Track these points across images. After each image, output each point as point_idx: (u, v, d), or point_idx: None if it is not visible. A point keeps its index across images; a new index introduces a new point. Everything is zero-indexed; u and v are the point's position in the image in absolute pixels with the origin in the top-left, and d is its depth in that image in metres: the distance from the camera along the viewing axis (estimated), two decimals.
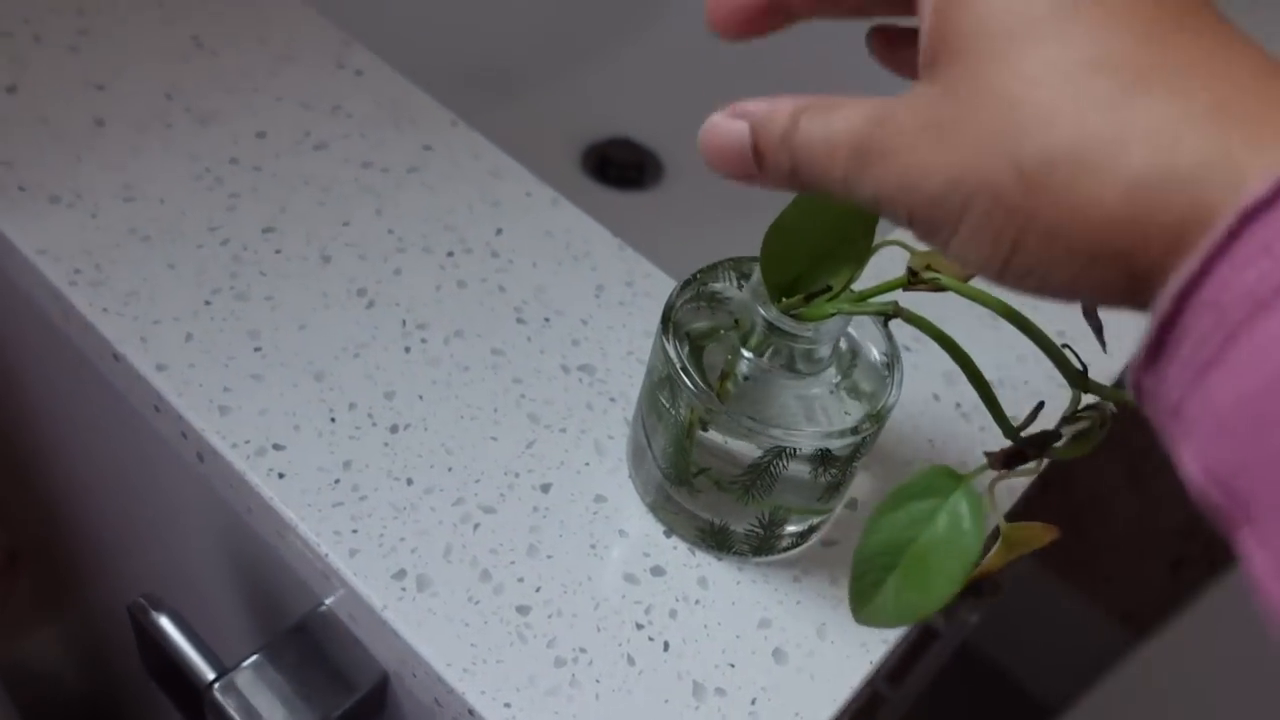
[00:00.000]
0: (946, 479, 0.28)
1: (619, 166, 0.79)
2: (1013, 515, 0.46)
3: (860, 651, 0.35)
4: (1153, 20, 0.20)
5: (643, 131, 0.82)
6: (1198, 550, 1.19)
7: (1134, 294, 0.20)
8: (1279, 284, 0.17)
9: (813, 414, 0.35)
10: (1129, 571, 1.27)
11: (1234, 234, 0.17)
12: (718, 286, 0.37)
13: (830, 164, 0.23)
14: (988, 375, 0.41)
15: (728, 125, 0.25)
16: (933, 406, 0.43)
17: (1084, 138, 0.19)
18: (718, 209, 0.80)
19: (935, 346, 0.44)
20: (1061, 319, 0.48)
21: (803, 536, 0.37)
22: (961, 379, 0.44)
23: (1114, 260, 0.19)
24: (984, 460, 0.31)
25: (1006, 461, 0.29)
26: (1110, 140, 0.19)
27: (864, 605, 0.29)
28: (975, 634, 1.40)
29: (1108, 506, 1.25)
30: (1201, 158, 0.18)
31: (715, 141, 0.25)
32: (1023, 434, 0.30)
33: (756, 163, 0.24)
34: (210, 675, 0.40)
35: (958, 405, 0.43)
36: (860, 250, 0.32)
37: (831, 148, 0.22)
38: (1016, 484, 0.41)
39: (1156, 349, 0.19)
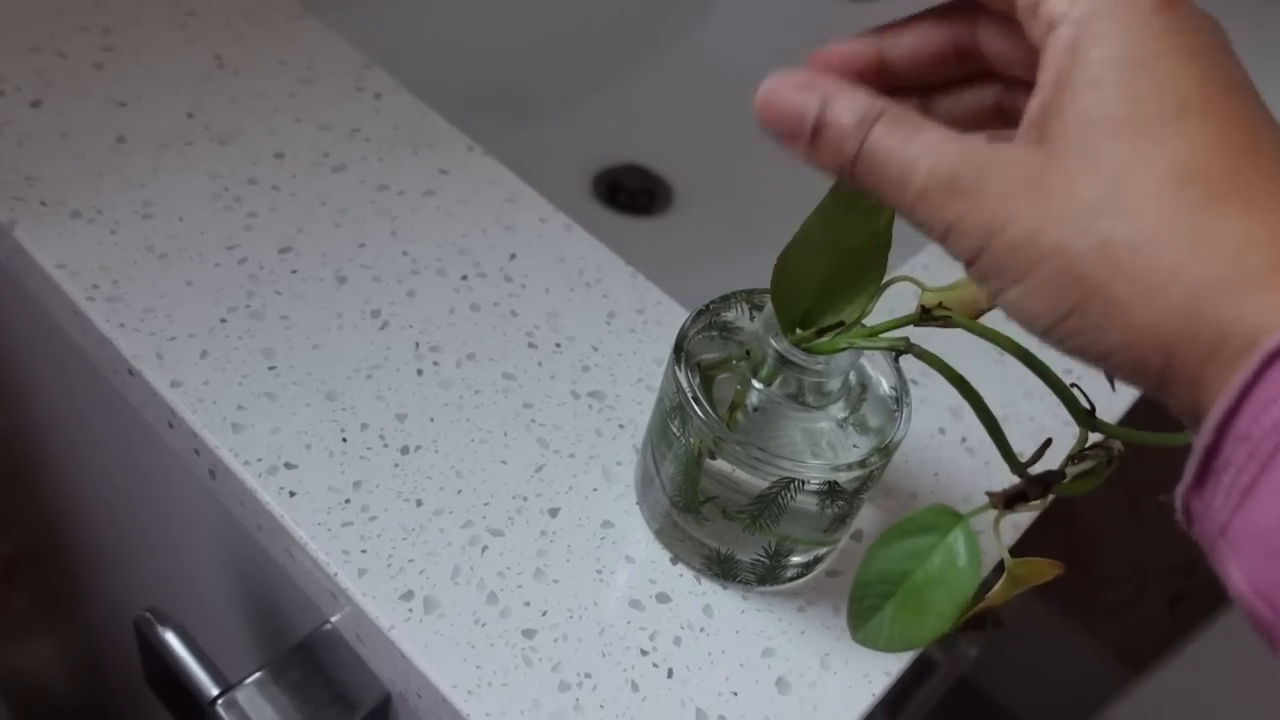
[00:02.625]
0: (946, 516, 0.29)
1: (629, 193, 0.80)
2: (1015, 549, 0.46)
3: (863, 682, 0.35)
4: (1243, 144, 0.22)
5: (653, 158, 0.82)
6: (1196, 587, 1.19)
7: (1163, 383, 0.22)
8: None
9: (819, 447, 0.35)
10: (1127, 607, 1.26)
11: (1259, 374, 0.20)
12: (730, 317, 0.37)
13: (902, 181, 0.24)
14: (994, 410, 0.41)
15: (797, 93, 0.25)
16: (938, 440, 0.43)
17: (1165, 235, 0.21)
18: (727, 236, 0.80)
19: (942, 380, 0.45)
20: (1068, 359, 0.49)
21: (808, 567, 0.37)
22: (968, 413, 0.44)
23: (1159, 347, 0.21)
24: (986, 498, 0.31)
25: (1008, 502, 0.29)
26: (1187, 243, 0.21)
27: (861, 626, 0.29)
28: (973, 669, 1.40)
29: (1107, 542, 1.25)
30: (1255, 283, 0.20)
31: (778, 102, 0.26)
32: (1029, 470, 0.31)
33: (811, 137, 0.25)
34: (214, 691, 0.40)
35: (963, 440, 0.43)
36: (871, 284, 0.33)
37: (907, 167, 0.24)
38: (1022, 519, 0.42)
39: (1202, 474, 0.21)
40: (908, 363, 0.45)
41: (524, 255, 0.46)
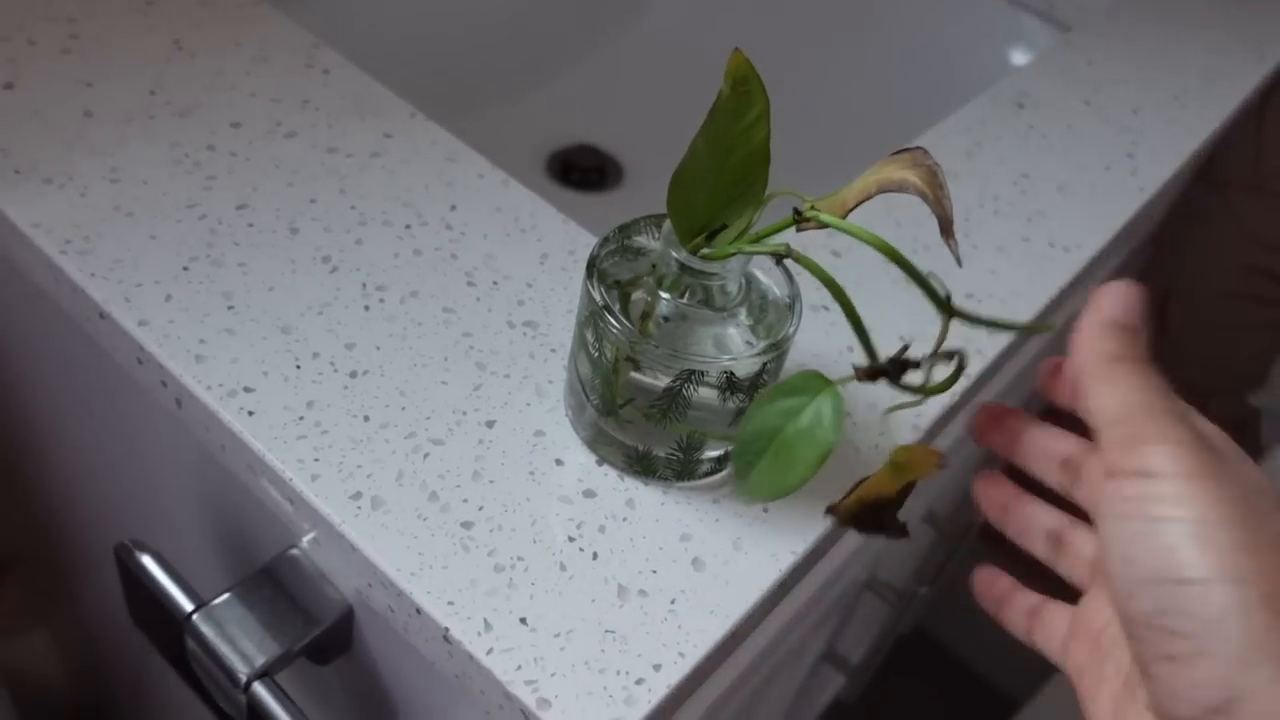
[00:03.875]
0: (816, 381, 0.33)
1: (581, 171, 0.84)
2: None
3: (771, 560, 0.39)
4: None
5: (604, 138, 0.86)
6: None
7: None
8: None
9: (727, 349, 0.39)
10: None
11: None
12: (639, 240, 0.41)
13: None
14: (899, 331, 0.46)
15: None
16: (845, 356, 0.47)
17: (1251, 645, 0.26)
18: None
19: None
20: (966, 271, 0.53)
21: (720, 463, 0.41)
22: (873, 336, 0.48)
23: None
24: (885, 407, 0.35)
25: (870, 375, 0.33)
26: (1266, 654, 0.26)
27: (742, 479, 0.33)
28: (940, 626, 1.43)
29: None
30: None
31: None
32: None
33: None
34: (190, 607, 0.44)
35: (852, 367, 0.47)
36: (756, 195, 0.37)
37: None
38: (921, 414, 0.45)
39: None
40: (818, 294, 0.49)
41: (463, 206, 0.50)
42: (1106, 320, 0.32)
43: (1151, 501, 0.28)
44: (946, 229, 0.33)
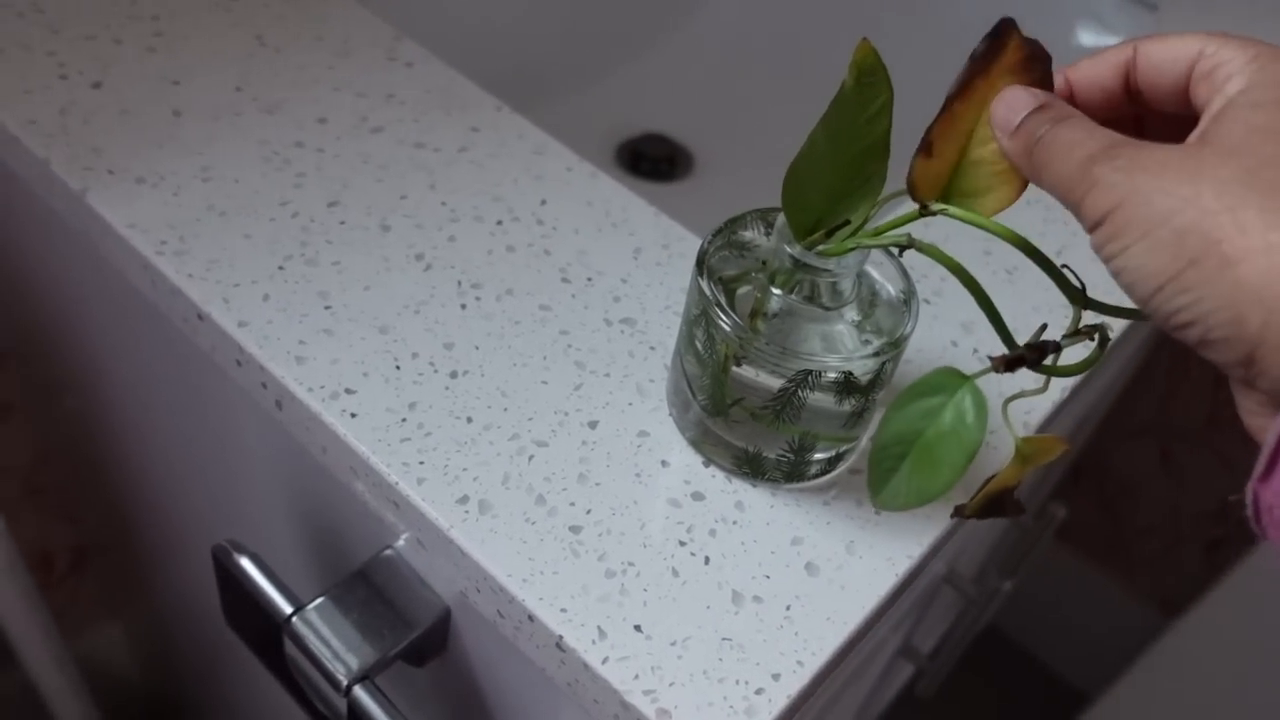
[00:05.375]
0: (954, 378, 0.31)
1: (651, 160, 0.83)
2: (1048, 497, 0.48)
3: (886, 565, 0.38)
4: None
5: (673, 127, 0.85)
6: (1232, 533, 1.21)
7: (1254, 351, 0.25)
8: None
9: (836, 348, 0.38)
10: (1164, 556, 1.28)
11: None
12: (746, 235, 0.40)
13: (1069, 153, 0.29)
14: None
15: (1020, 96, 0.31)
16: (951, 352, 0.46)
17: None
18: (746, 197, 0.83)
19: (954, 299, 0.48)
20: (1063, 254, 0.51)
21: (831, 464, 0.40)
22: (979, 327, 0.47)
23: (1260, 303, 0.24)
24: (1000, 401, 0.34)
25: (1007, 365, 0.32)
26: None
27: (880, 489, 0.32)
28: (1009, 620, 1.41)
29: (1141, 492, 1.26)
30: None
31: (1007, 97, 0.31)
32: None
33: (1014, 130, 0.31)
34: (289, 610, 0.43)
35: (975, 351, 0.46)
36: (874, 189, 0.35)
37: (1076, 143, 0.29)
38: (1034, 412, 0.44)
39: (1272, 464, 0.24)
40: (922, 286, 0.47)
41: (553, 201, 0.49)
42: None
43: None
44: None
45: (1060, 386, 0.45)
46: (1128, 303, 0.51)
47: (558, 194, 0.49)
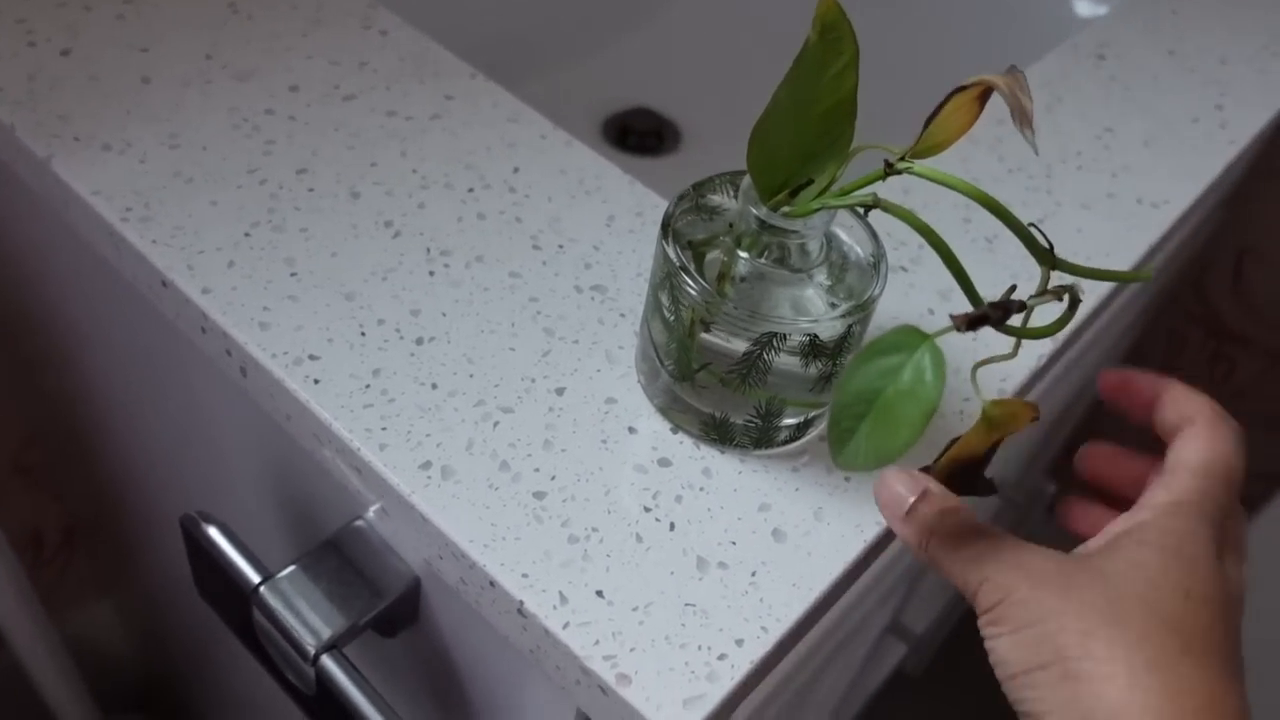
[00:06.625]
0: (913, 336, 0.31)
1: (639, 134, 0.82)
2: (1041, 473, 0.48)
3: (855, 531, 0.38)
4: (1213, 685, 0.29)
5: (661, 101, 0.84)
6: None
7: None
8: None
9: (806, 311, 0.37)
10: None
11: None
12: (715, 199, 0.39)
13: (960, 547, 0.33)
14: (977, 291, 0.43)
15: (899, 483, 0.34)
16: (928, 319, 0.45)
17: (1136, 657, 0.29)
18: (733, 171, 0.82)
19: (932, 266, 0.47)
20: (1045, 223, 0.50)
21: (800, 430, 0.40)
22: (955, 295, 0.46)
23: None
24: (971, 367, 0.33)
25: (970, 323, 0.31)
26: (1146, 668, 0.29)
27: (840, 450, 0.31)
28: None
29: None
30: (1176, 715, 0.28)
31: (887, 484, 0.34)
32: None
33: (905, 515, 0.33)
34: (256, 579, 0.43)
35: (951, 319, 0.45)
36: (841, 149, 0.35)
37: (971, 550, 0.33)
38: (1009, 379, 0.43)
39: None
40: (898, 253, 0.47)
41: (526, 168, 0.48)
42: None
43: None
44: (1024, 119, 0.31)
45: (1036, 355, 0.44)
46: (1100, 264, 0.50)
47: (531, 162, 0.48)
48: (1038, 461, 1.04)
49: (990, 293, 0.45)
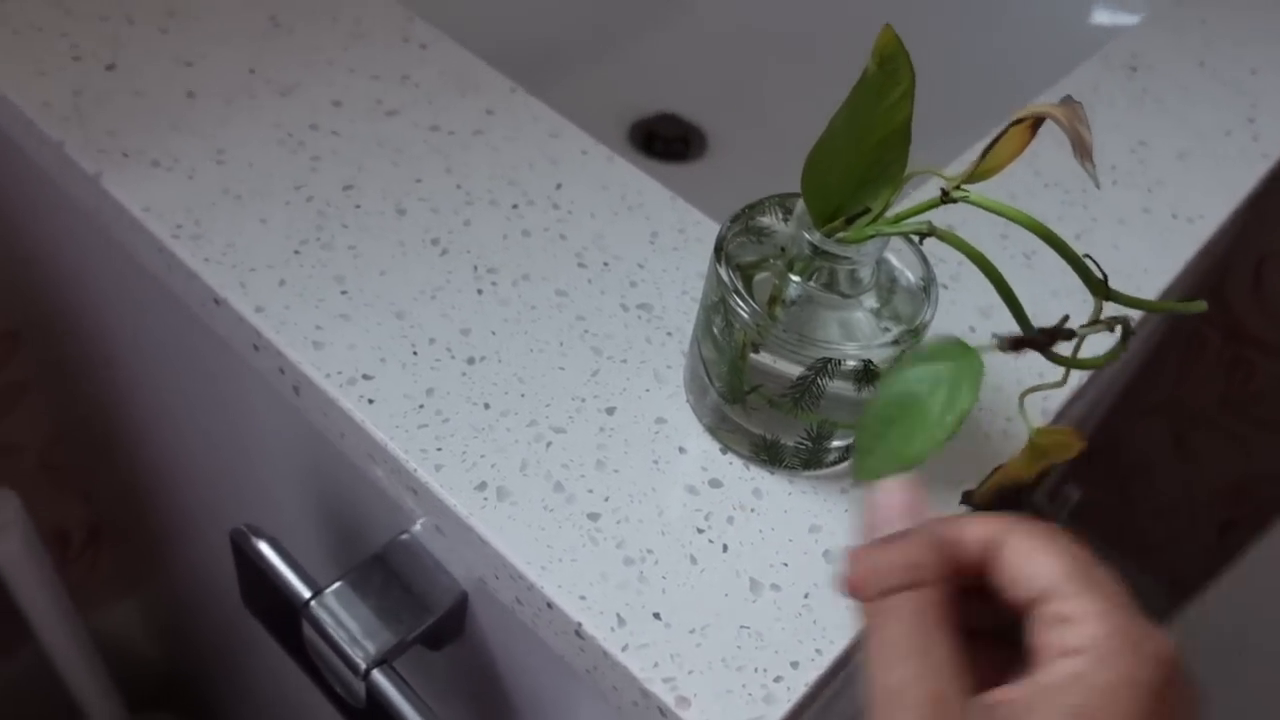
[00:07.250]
0: (958, 347, 0.31)
1: (665, 140, 0.82)
2: (1062, 479, 0.48)
3: None
4: None
5: (687, 107, 0.85)
6: (1246, 514, 1.20)
7: None
8: None
9: (854, 335, 0.38)
10: (1177, 537, 1.28)
11: None
12: (764, 221, 0.40)
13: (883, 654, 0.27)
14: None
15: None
16: (969, 338, 0.45)
17: None
18: (760, 178, 0.82)
19: (972, 283, 0.47)
20: (1082, 239, 0.51)
21: (849, 451, 0.40)
22: (997, 313, 0.46)
23: None
24: (1016, 393, 0.34)
25: (1014, 345, 0.32)
26: None
27: (864, 460, 0.32)
28: None
29: (1154, 472, 1.26)
30: None
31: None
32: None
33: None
34: (307, 594, 0.43)
35: (993, 337, 0.46)
36: (895, 176, 0.35)
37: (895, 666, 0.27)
38: (1051, 398, 0.44)
39: None
40: (939, 269, 0.47)
41: (569, 184, 0.48)
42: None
43: None
44: (1084, 152, 0.31)
45: (1078, 375, 0.45)
46: (1138, 280, 0.50)
47: (573, 178, 0.49)
48: (1059, 467, 1.04)
49: (1031, 309, 0.46)
